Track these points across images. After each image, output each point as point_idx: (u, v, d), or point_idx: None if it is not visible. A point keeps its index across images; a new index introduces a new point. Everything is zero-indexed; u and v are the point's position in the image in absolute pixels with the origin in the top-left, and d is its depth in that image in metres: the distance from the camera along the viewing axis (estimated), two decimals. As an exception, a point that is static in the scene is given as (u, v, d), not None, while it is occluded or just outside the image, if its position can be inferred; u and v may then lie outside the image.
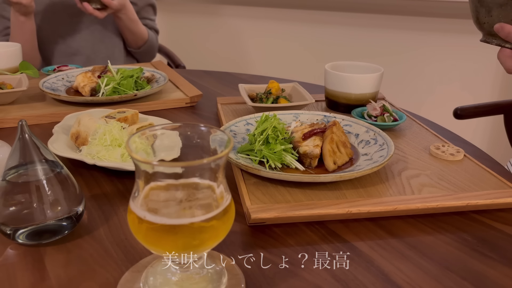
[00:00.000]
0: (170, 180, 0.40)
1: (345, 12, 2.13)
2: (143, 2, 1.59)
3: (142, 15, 1.59)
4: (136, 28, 1.51)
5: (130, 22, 1.48)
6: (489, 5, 0.70)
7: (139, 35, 1.54)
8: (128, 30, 1.51)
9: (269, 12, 2.33)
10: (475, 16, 0.74)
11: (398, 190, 0.64)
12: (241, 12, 2.39)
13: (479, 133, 2.02)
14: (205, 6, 2.47)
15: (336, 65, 1.01)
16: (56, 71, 1.22)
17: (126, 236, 0.56)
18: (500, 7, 0.69)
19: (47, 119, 0.93)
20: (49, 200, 0.52)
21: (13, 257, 0.52)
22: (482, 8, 0.71)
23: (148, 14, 1.63)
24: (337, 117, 0.82)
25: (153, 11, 1.65)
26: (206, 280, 0.46)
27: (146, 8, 1.61)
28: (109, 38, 1.55)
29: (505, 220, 0.61)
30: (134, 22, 1.50)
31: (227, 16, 2.43)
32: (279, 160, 0.68)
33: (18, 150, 0.52)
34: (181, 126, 0.45)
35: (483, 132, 2.02)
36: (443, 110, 1.48)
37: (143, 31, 1.55)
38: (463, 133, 0.97)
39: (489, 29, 0.72)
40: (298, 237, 0.57)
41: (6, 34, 1.44)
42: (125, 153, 0.69)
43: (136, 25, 1.51)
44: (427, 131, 0.87)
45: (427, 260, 0.53)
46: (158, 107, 1.03)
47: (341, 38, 2.17)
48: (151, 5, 1.63)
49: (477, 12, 0.73)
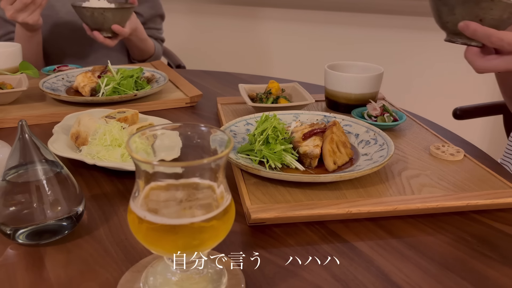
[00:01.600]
0: (170, 180, 0.40)
1: (345, 12, 2.13)
2: (150, 13, 1.55)
3: (149, 26, 1.56)
4: (144, 46, 1.48)
5: (140, 42, 1.45)
6: (451, 3, 0.68)
7: (146, 51, 1.50)
8: (136, 48, 1.47)
9: (269, 12, 2.33)
10: (437, 16, 0.72)
11: (398, 190, 0.64)
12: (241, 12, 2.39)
13: (479, 133, 2.02)
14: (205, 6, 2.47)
15: (336, 65, 1.01)
16: (56, 71, 1.22)
17: (126, 236, 0.56)
18: (463, 4, 0.67)
19: (47, 119, 0.93)
20: (49, 200, 0.52)
21: (13, 257, 0.52)
22: (445, 7, 0.69)
23: (155, 24, 1.59)
24: (337, 117, 0.82)
25: (160, 21, 1.61)
26: (206, 280, 0.46)
27: (154, 19, 1.57)
28: (115, 53, 1.53)
29: (505, 220, 0.61)
30: (143, 41, 1.46)
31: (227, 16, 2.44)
32: (279, 160, 0.68)
33: (18, 150, 0.52)
34: (181, 126, 0.45)
35: (483, 132, 2.02)
36: (443, 110, 1.48)
37: (150, 47, 1.51)
38: (463, 133, 0.97)
39: (453, 28, 0.70)
40: (298, 237, 0.57)
41: (8, 39, 1.41)
42: (125, 153, 0.69)
43: (145, 43, 1.47)
44: (427, 131, 0.87)
45: (427, 260, 0.53)
46: (158, 107, 1.03)
47: (341, 38, 2.17)
48: (160, 16, 1.59)
49: (439, 11, 0.71)
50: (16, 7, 1.16)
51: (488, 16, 0.66)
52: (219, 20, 2.46)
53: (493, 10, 0.66)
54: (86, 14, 1.24)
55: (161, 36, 1.63)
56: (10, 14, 1.18)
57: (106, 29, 1.27)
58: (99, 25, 1.25)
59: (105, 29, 1.27)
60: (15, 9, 1.17)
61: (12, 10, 1.17)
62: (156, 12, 1.57)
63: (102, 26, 1.26)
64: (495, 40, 0.65)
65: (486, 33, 0.66)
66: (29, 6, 1.17)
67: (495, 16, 0.66)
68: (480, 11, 0.66)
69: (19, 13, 1.18)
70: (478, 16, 0.67)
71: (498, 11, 0.66)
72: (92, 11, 1.22)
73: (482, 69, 0.69)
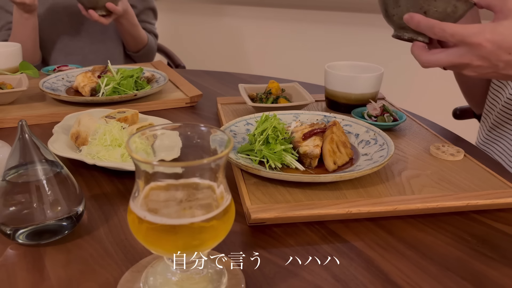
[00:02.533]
0: (170, 180, 0.40)
1: (345, 12, 2.13)
2: (143, 5, 1.60)
3: (142, 19, 1.60)
4: (136, 32, 1.53)
5: (131, 27, 1.50)
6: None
7: (139, 39, 1.55)
8: (128, 34, 1.52)
9: (269, 12, 2.33)
10: (384, 9, 0.72)
11: (398, 190, 0.64)
12: (241, 12, 2.39)
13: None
14: (205, 6, 2.47)
15: (336, 65, 1.01)
16: (56, 71, 1.22)
17: (126, 236, 0.56)
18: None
19: (47, 119, 0.93)
20: (49, 200, 0.52)
21: (13, 257, 0.52)
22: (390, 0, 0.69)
23: (148, 17, 1.64)
24: (337, 117, 0.82)
25: (153, 15, 1.66)
26: (206, 280, 0.46)
27: (146, 12, 1.62)
28: (109, 40, 1.56)
29: (505, 220, 0.61)
30: (135, 26, 1.51)
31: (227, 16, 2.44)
32: (279, 160, 0.68)
33: (18, 150, 0.52)
34: (181, 126, 0.45)
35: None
36: (443, 110, 1.48)
37: (143, 35, 1.56)
38: (463, 133, 0.97)
39: (399, 22, 0.70)
40: (298, 237, 0.57)
41: (8, 28, 1.44)
42: (125, 153, 0.69)
43: (137, 29, 1.53)
44: (427, 131, 0.87)
45: (427, 260, 0.53)
46: (158, 107, 1.03)
47: (341, 38, 2.17)
48: (151, 9, 1.64)
49: (386, 5, 0.71)
50: None
51: (432, 8, 0.66)
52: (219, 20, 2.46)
53: (436, 2, 0.66)
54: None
55: (155, 31, 1.67)
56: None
57: (100, 7, 1.34)
58: (94, 3, 1.33)
59: (99, 7, 1.34)
60: None
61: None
62: (147, 4, 1.62)
63: (96, 4, 1.33)
64: (437, 31, 0.64)
65: (428, 24, 0.65)
66: None
67: (439, 9, 0.66)
68: (424, 3, 0.66)
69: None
70: (422, 8, 0.67)
71: (442, 3, 0.66)
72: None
73: (427, 63, 0.68)
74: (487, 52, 0.63)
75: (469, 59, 0.64)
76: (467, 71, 0.67)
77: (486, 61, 0.64)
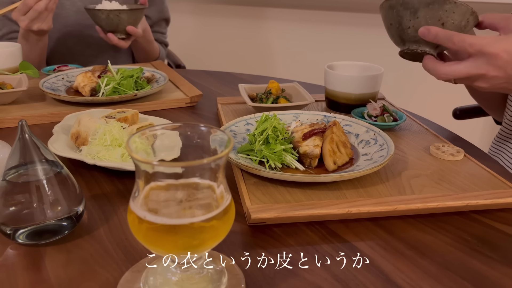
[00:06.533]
0: (170, 180, 0.40)
1: (345, 12, 2.13)
2: (158, 16, 1.56)
3: (155, 29, 1.56)
4: (150, 48, 1.48)
5: (147, 44, 1.45)
6: (414, 6, 0.67)
7: (151, 53, 1.51)
8: (142, 50, 1.48)
9: (269, 12, 2.33)
10: (397, 23, 0.71)
11: (398, 190, 0.64)
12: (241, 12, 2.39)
13: (479, 133, 2.02)
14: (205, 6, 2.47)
15: (336, 65, 1.01)
16: (56, 71, 1.22)
17: (126, 236, 0.56)
18: (427, 6, 0.67)
19: (47, 119, 0.93)
20: (49, 200, 0.52)
21: (13, 257, 0.52)
22: (406, 11, 0.68)
23: (161, 28, 1.60)
24: (337, 117, 0.82)
25: (165, 24, 1.62)
26: (206, 280, 0.46)
27: (159, 23, 1.58)
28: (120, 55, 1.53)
29: (505, 220, 0.61)
30: (150, 43, 1.46)
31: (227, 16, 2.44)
32: (279, 160, 0.68)
33: (18, 150, 0.52)
34: (181, 126, 0.45)
35: (483, 132, 2.02)
36: (443, 110, 1.48)
37: (155, 49, 1.52)
38: (463, 133, 0.97)
39: (413, 35, 0.69)
40: (298, 237, 0.57)
41: (11, 38, 1.39)
42: (125, 153, 0.69)
43: (151, 45, 1.48)
44: (427, 131, 0.87)
45: (427, 260, 0.53)
46: (158, 107, 1.03)
47: (341, 38, 2.17)
48: (165, 20, 1.60)
49: (400, 18, 0.70)
50: (30, 16, 1.15)
51: (450, 20, 0.67)
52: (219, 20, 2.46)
53: (454, 14, 0.66)
54: (101, 17, 1.23)
55: (165, 40, 1.64)
56: (25, 25, 1.16)
57: (120, 31, 1.27)
58: (114, 27, 1.26)
59: (120, 30, 1.27)
60: (30, 19, 1.15)
61: (27, 20, 1.15)
62: (163, 15, 1.58)
63: (116, 28, 1.26)
64: (457, 40, 0.65)
65: (447, 34, 0.66)
66: (42, 13, 1.16)
67: (456, 21, 0.67)
68: (443, 14, 0.67)
69: (33, 22, 1.17)
70: (441, 19, 0.67)
71: (459, 16, 0.67)
72: (107, 13, 1.22)
73: (444, 75, 0.68)
74: (503, 62, 0.63)
75: (485, 69, 0.65)
76: (481, 82, 0.67)
77: (502, 71, 0.64)
